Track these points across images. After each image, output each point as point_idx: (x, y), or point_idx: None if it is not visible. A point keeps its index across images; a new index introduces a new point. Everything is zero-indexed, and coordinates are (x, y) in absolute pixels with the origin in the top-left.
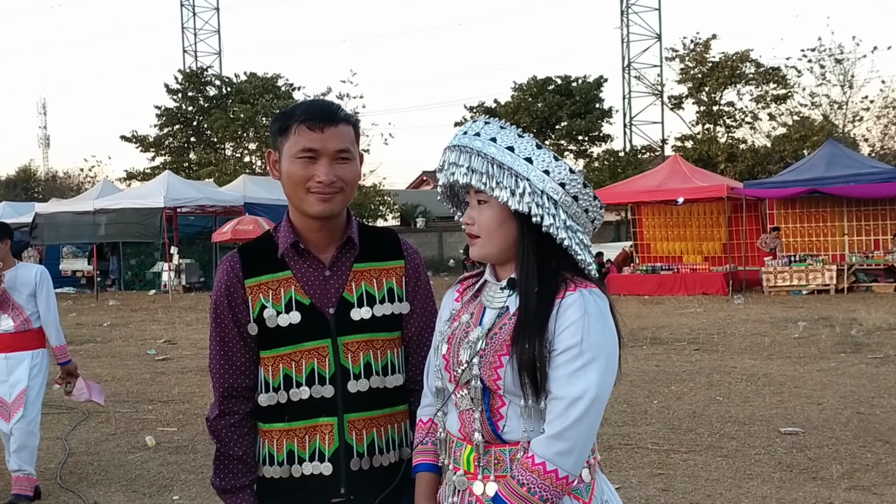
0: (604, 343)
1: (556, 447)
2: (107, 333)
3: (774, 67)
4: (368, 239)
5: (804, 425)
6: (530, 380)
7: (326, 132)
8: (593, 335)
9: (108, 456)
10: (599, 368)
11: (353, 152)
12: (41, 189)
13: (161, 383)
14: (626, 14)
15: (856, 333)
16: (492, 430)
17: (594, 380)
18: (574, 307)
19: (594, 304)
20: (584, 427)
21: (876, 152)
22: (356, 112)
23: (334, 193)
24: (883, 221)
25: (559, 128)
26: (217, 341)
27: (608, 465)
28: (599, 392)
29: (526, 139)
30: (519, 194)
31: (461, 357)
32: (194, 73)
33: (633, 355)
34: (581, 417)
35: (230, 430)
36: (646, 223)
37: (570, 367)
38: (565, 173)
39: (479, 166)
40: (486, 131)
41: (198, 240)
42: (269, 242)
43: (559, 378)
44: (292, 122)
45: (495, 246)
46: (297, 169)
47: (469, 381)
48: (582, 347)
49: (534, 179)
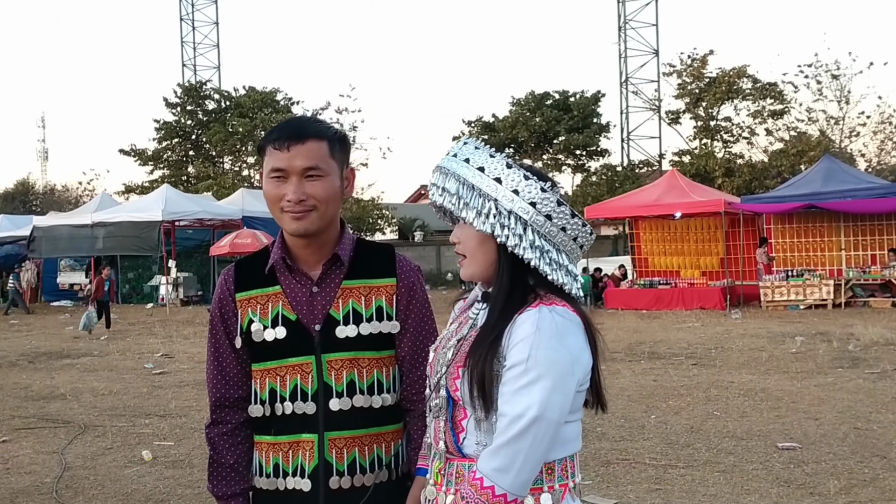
0: (554, 362)
1: (493, 463)
2: (104, 347)
3: (771, 83)
4: (362, 255)
5: (802, 440)
6: (480, 393)
7: (293, 150)
8: (541, 353)
9: (105, 470)
10: (544, 387)
11: (324, 169)
12: (39, 202)
13: (158, 397)
14: (623, 30)
15: (853, 348)
16: (454, 441)
17: (537, 398)
18: (527, 324)
19: (549, 322)
20: (524, 445)
21: (872, 168)
22: (354, 125)
23: (306, 211)
24: (880, 236)
25: (557, 142)
26: (212, 352)
27: (606, 479)
28: (543, 411)
29: (497, 159)
30: (484, 215)
31: (438, 365)
32: (193, 86)
33: (630, 370)
34: (520, 435)
35: (222, 438)
36: (643, 238)
37: (515, 384)
38: (535, 192)
39: (451, 187)
40: (462, 152)
41: (196, 253)
42: (264, 257)
43: (505, 394)
44: (266, 143)
45: (478, 265)
46: (271, 189)
47: (439, 390)
48: (528, 365)
49: (502, 199)
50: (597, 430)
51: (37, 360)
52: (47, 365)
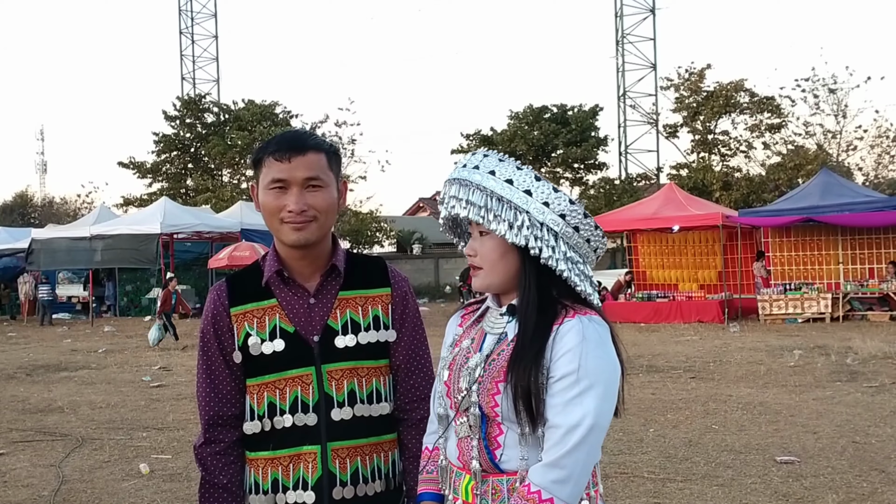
0: (602, 370)
1: (552, 475)
2: (102, 360)
3: (769, 97)
4: (355, 266)
5: (800, 454)
6: (525, 407)
7: (294, 161)
8: (591, 362)
9: (102, 483)
10: (597, 395)
11: (324, 180)
12: (38, 214)
13: (156, 410)
14: (621, 44)
15: (851, 362)
16: (489, 458)
17: (591, 407)
18: (572, 333)
19: (593, 331)
20: (582, 455)
21: (870, 181)
22: (353, 139)
23: (307, 222)
24: (877, 250)
25: (555, 156)
26: (203, 369)
27: (604, 493)
28: (597, 419)
29: (525, 171)
30: (517, 227)
31: (461, 384)
32: (192, 100)
33: (628, 383)
34: (578, 445)
35: (215, 458)
36: (641, 251)
37: (568, 395)
38: (565, 204)
39: (477, 200)
40: (485, 164)
41: (194, 266)
42: (256, 271)
43: (556, 405)
44: (264, 154)
45: (497, 277)
46: (270, 200)
47: (468, 409)
48: (579, 374)
49: (533, 212)
50: None
51: (34, 373)
52: (45, 378)
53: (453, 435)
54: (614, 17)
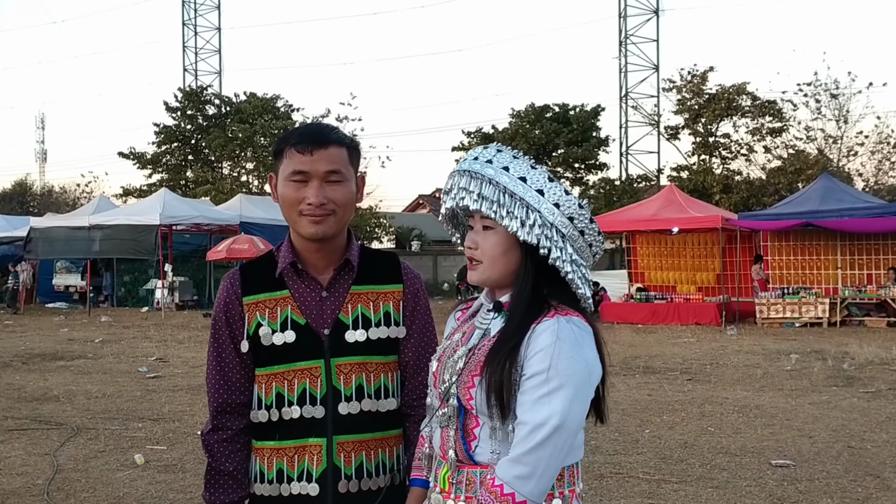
0: (574, 371)
1: (515, 471)
2: (98, 350)
3: (770, 101)
4: (369, 262)
5: (795, 458)
6: (497, 402)
7: (316, 154)
8: (563, 362)
9: (97, 473)
10: (566, 396)
11: (344, 174)
12: (37, 203)
13: (151, 401)
14: (624, 45)
15: (848, 367)
16: (465, 449)
17: (559, 407)
18: (546, 333)
19: (569, 332)
20: (545, 453)
21: (870, 187)
22: (354, 134)
23: (325, 215)
24: (876, 256)
25: (556, 155)
26: (214, 357)
27: (599, 493)
28: (564, 420)
29: (538, 171)
30: (529, 225)
31: (445, 375)
32: (194, 91)
33: (625, 384)
34: (542, 443)
35: (222, 445)
36: (640, 252)
37: (537, 393)
38: (574, 207)
39: (489, 194)
40: (498, 159)
41: (192, 258)
42: (270, 261)
43: (525, 402)
44: (285, 145)
45: (496, 272)
46: (290, 192)
47: (448, 399)
48: (549, 374)
49: (544, 212)
50: (590, 444)
51: (30, 362)
52: (41, 366)
53: (438, 425)
54: (618, 17)
